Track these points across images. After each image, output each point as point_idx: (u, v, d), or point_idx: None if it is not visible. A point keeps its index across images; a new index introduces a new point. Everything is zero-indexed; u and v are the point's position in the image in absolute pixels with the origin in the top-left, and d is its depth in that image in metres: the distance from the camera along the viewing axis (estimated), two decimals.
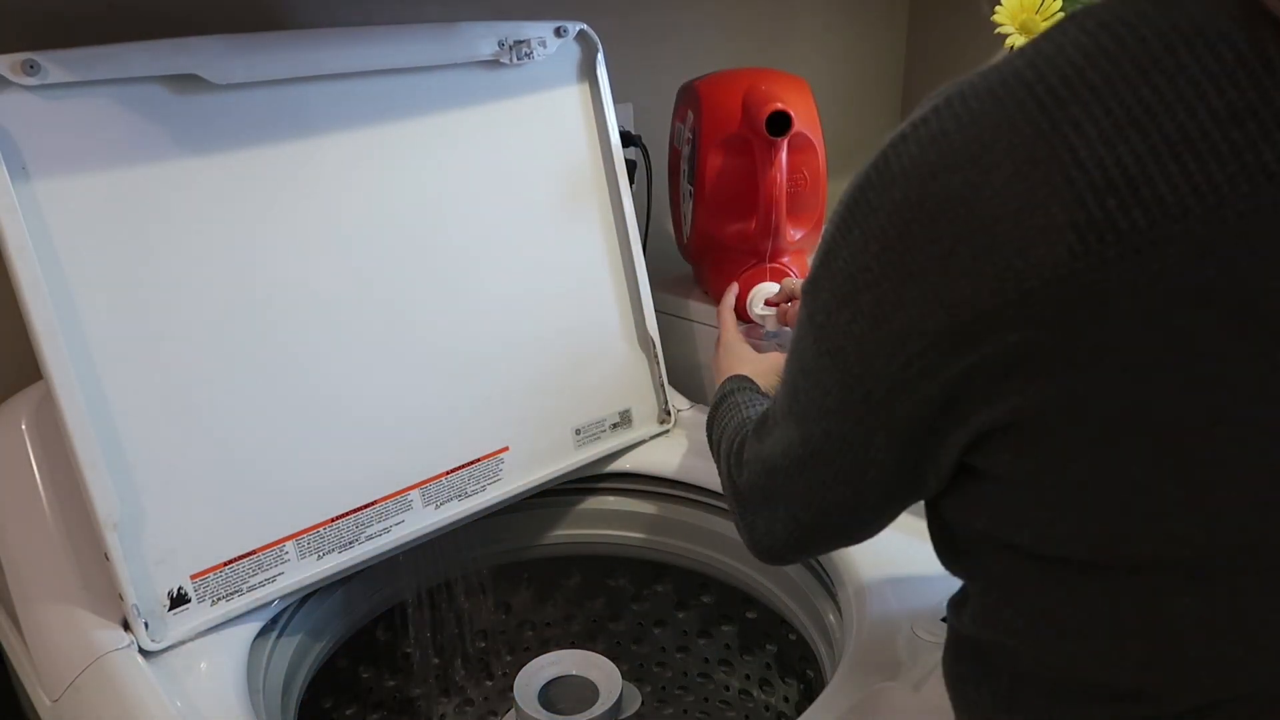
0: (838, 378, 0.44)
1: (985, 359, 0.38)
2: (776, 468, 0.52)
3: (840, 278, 0.42)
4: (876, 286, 0.40)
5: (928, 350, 0.39)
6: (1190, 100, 0.34)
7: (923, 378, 0.40)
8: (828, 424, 0.47)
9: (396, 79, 0.79)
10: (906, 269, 0.39)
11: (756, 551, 0.59)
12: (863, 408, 0.44)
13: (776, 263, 1.01)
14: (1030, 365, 0.37)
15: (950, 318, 0.38)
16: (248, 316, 0.72)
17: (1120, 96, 0.34)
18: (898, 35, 1.62)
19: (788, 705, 0.98)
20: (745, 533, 0.59)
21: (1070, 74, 0.35)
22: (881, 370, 0.42)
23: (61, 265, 0.64)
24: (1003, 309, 0.36)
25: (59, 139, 0.63)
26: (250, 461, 0.72)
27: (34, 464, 0.72)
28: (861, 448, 0.46)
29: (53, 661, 0.67)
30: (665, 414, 0.99)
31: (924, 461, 0.45)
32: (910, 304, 0.39)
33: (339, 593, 0.85)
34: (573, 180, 0.91)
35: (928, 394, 0.41)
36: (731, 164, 0.98)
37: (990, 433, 0.40)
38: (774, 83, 0.98)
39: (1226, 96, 0.33)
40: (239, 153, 0.71)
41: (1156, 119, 0.34)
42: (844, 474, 0.48)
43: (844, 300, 0.42)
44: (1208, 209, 0.33)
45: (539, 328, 0.89)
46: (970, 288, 0.37)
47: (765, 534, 0.56)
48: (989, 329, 0.37)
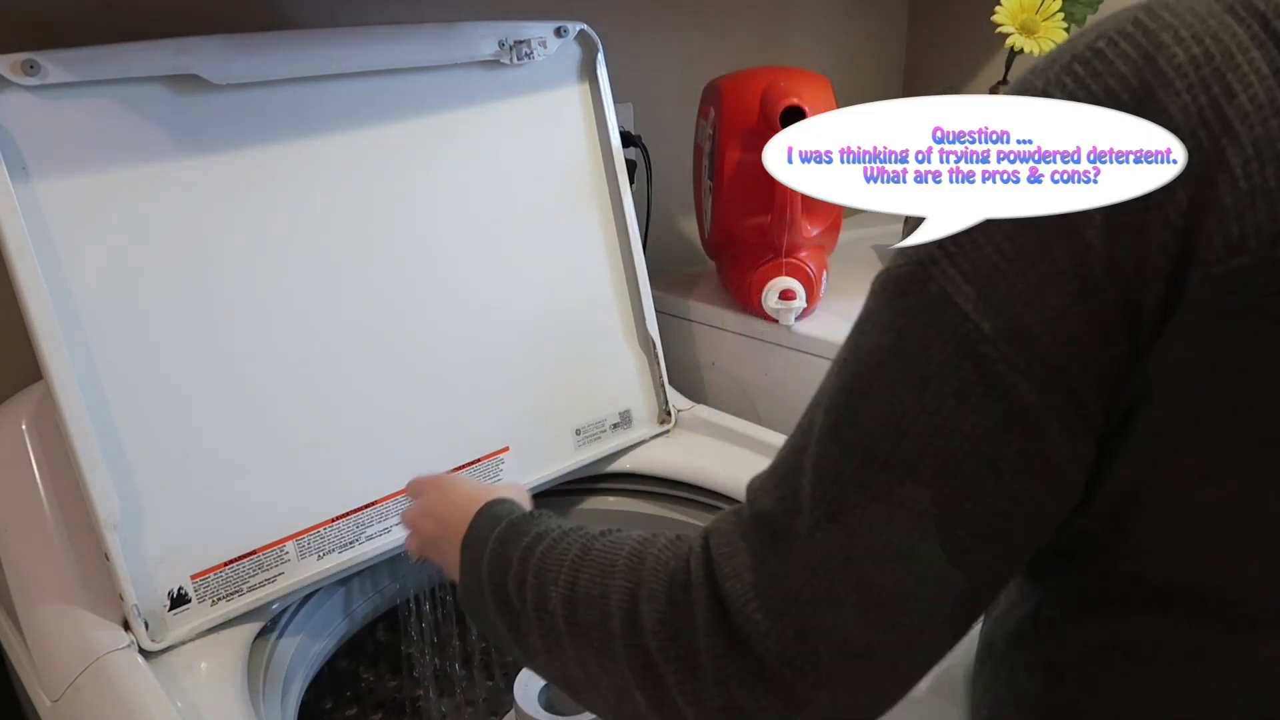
0: (1014, 374, 0.35)
1: (1168, 340, 0.33)
2: (887, 558, 0.36)
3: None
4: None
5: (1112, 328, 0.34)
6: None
7: (1126, 357, 0.34)
8: (990, 449, 0.36)
9: (396, 79, 0.79)
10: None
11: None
12: (1064, 409, 0.35)
13: (793, 258, 1.01)
14: (1203, 358, 0.33)
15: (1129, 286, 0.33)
16: (248, 316, 0.72)
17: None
18: (898, 35, 1.62)
19: None
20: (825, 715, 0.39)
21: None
22: (1084, 350, 0.34)
23: (61, 265, 0.63)
24: (1205, 287, 0.32)
25: (59, 139, 0.63)
26: (250, 461, 0.72)
27: (34, 464, 0.72)
28: (1058, 467, 0.36)
29: (53, 661, 0.66)
30: (665, 414, 0.99)
31: (1093, 463, 0.37)
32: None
33: (339, 593, 0.84)
34: (573, 180, 0.91)
35: (1125, 377, 0.34)
36: (750, 160, 0.99)
37: (1133, 428, 0.35)
38: (793, 80, 0.99)
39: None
40: (239, 153, 0.71)
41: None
42: (1020, 515, 0.37)
43: (1021, 265, 0.35)
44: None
45: (539, 328, 0.89)
46: (1176, 248, 0.32)
47: (865, 699, 0.39)
48: (1177, 305, 0.33)
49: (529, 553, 0.49)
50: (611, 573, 0.45)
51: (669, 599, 0.42)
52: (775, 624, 0.38)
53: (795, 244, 1.00)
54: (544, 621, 0.47)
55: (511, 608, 0.50)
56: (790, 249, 1.00)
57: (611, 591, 0.44)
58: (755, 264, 1.02)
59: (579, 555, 0.47)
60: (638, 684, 0.43)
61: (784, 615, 0.38)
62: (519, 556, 0.50)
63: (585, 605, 0.45)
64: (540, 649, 0.48)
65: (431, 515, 0.61)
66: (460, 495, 0.59)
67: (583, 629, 0.45)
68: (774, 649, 0.38)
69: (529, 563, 0.49)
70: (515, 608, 0.49)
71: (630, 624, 0.43)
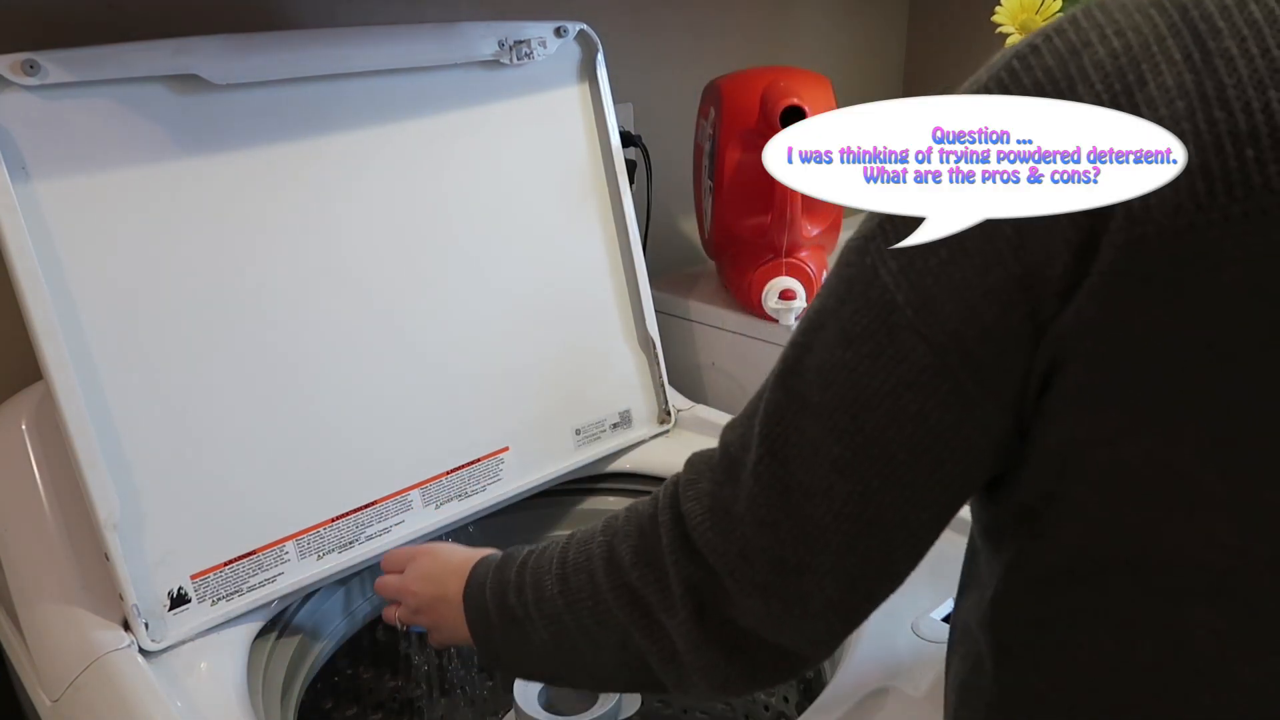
0: (916, 339, 0.38)
1: (1079, 305, 0.35)
2: (813, 492, 0.42)
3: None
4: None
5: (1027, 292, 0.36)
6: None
7: (1025, 323, 0.37)
8: (894, 404, 0.40)
9: (396, 79, 0.79)
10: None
11: (799, 660, 0.48)
12: (959, 371, 0.38)
13: (793, 258, 1.01)
14: (1114, 321, 0.35)
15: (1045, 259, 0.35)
16: (248, 316, 0.72)
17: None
18: (898, 35, 1.62)
19: (787, 705, 0.98)
20: (773, 624, 0.45)
21: (1230, 3, 0.33)
22: (981, 319, 0.37)
23: (61, 265, 0.63)
24: (1111, 254, 0.34)
25: (59, 139, 0.63)
26: (250, 461, 0.72)
27: (34, 464, 0.72)
28: (950, 425, 0.40)
29: (53, 661, 0.66)
30: (665, 414, 0.99)
31: (1006, 428, 0.40)
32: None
33: (339, 593, 0.84)
34: (573, 180, 0.91)
35: (1027, 342, 0.37)
36: (750, 159, 0.99)
37: (1056, 392, 0.38)
38: (794, 80, 0.99)
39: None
40: (239, 153, 0.71)
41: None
42: (920, 467, 0.41)
43: (935, 244, 0.38)
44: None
45: (539, 328, 0.89)
46: (1086, 223, 0.35)
47: (801, 616, 0.45)
48: (1086, 274, 0.35)
49: (523, 566, 0.56)
50: (591, 538, 0.52)
51: (640, 532, 0.49)
52: (722, 539, 0.45)
53: (795, 244, 1.00)
54: (544, 609, 0.53)
55: (516, 618, 0.55)
56: (790, 249, 1.00)
57: (594, 550, 0.51)
58: (755, 264, 1.02)
59: (565, 544, 0.54)
60: (630, 619, 0.49)
61: (730, 533, 0.45)
62: (515, 571, 0.56)
63: (575, 573, 0.52)
64: (549, 641, 0.54)
65: (427, 578, 0.66)
66: (454, 556, 0.66)
67: (576, 596, 0.51)
68: (720, 563, 0.45)
69: (524, 571, 0.56)
70: (519, 616, 0.55)
71: (611, 567, 0.50)
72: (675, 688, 0.51)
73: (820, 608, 0.45)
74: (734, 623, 0.47)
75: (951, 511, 0.44)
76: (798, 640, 0.47)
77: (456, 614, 0.60)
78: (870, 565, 0.44)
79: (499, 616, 0.57)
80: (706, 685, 0.49)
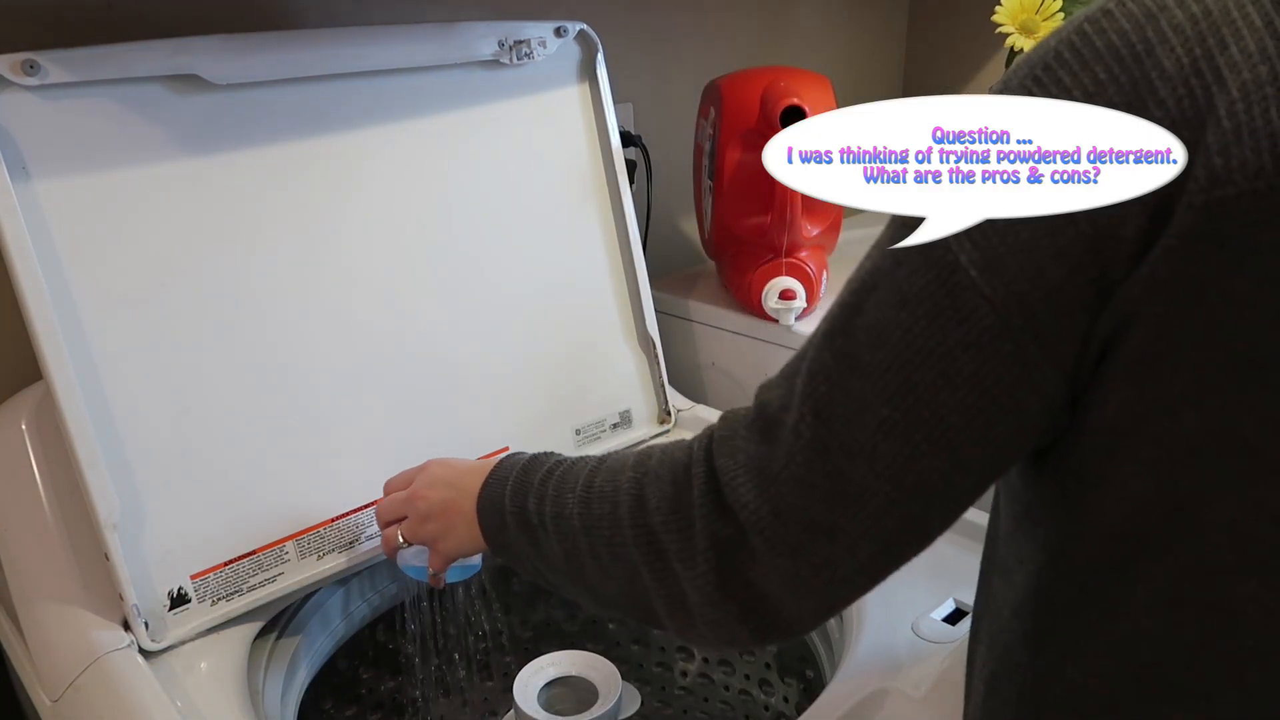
0: (979, 299, 0.38)
1: (1151, 268, 0.35)
2: (856, 454, 0.41)
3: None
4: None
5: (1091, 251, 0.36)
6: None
7: (1093, 286, 0.37)
8: (949, 365, 0.39)
9: (396, 79, 0.79)
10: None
11: (806, 615, 0.46)
12: (1021, 334, 0.38)
13: (793, 258, 1.01)
14: (1186, 284, 0.35)
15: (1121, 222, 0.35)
16: (247, 316, 0.72)
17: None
18: (898, 35, 1.62)
19: (787, 705, 0.98)
20: (799, 586, 0.45)
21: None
22: (1049, 280, 0.37)
23: (61, 265, 0.63)
24: (1188, 216, 0.34)
25: (59, 139, 0.63)
26: (251, 461, 0.72)
27: (34, 464, 0.72)
28: (1006, 389, 0.39)
29: (53, 661, 0.66)
30: (665, 414, 0.99)
31: (1061, 394, 0.39)
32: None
33: (339, 593, 0.84)
34: (573, 180, 0.91)
35: (1094, 305, 0.37)
36: (750, 159, 0.98)
37: (1117, 358, 0.37)
38: (794, 80, 0.99)
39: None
40: (239, 153, 0.71)
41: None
42: (970, 431, 0.40)
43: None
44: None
45: (539, 328, 0.89)
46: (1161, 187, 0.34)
47: (829, 581, 0.44)
48: (1159, 236, 0.35)
49: (549, 475, 0.56)
50: (623, 469, 0.51)
51: (673, 480, 0.48)
52: (756, 497, 0.44)
53: (795, 244, 1.00)
54: (560, 525, 0.53)
55: (530, 524, 0.55)
56: (790, 249, 1.00)
57: (622, 483, 0.50)
58: (755, 264, 1.02)
59: (595, 465, 0.54)
60: (643, 560, 0.48)
61: (765, 491, 0.44)
62: (540, 477, 0.56)
63: (599, 500, 0.51)
64: (559, 554, 0.54)
65: (441, 482, 0.66)
66: (467, 462, 0.66)
67: (596, 523, 0.51)
68: (751, 520, 0.44)
69: (549, 482, 0.55)
70: (534, 524, 0.55)
71: (637, 506, 0.49)
72: (678, 632, 0.50)
73: (849, 572, 0.44)
74: (754, 585, 0.46)
75: (991, 479, 0.43)
76: (817, 604, 0.46)
77: (470, 515, 0.60)
78: (906, 529, 0.43)
79: (514, 517, 0.57)
80: (713, 638, 0.49)
